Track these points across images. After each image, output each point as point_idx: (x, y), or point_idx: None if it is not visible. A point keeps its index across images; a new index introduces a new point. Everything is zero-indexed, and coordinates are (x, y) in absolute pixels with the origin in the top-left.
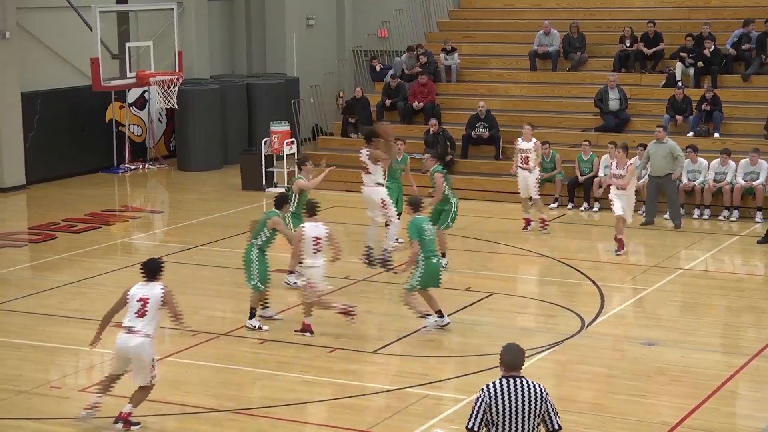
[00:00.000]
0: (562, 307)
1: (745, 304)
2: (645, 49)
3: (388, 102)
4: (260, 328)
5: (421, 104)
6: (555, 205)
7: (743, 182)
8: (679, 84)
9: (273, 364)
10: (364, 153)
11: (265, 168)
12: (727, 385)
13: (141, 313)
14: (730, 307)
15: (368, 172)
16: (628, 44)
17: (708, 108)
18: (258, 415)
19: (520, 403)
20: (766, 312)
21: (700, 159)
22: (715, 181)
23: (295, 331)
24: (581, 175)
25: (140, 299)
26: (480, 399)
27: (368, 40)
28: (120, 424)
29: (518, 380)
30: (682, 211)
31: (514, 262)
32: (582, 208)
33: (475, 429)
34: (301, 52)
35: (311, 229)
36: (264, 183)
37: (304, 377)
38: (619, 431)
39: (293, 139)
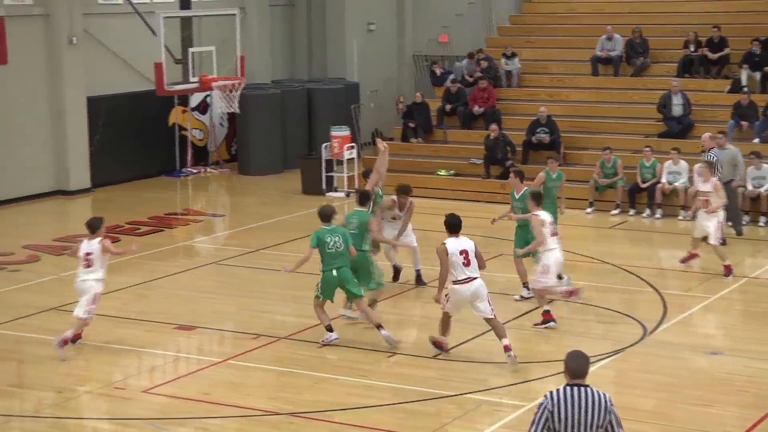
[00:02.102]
0: (624, 315)
1: None
2: (710, 54)
3: (448, 107)
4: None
5: (482, 109)
6: (617, 211)
7: None
8: (745, 89)
9: (332, 367)
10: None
11: (325, 172)
12: None
13: (467, 263)
14: None
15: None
16: (692, 49)
17: None
18: (317, 419)
19: (583, 412)
20: None
21: (765, 165)
22: None
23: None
24: (643, 181)
25: (462, 252)
26: (542, 406)
27: (428, 45)
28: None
29: (583, 389)
30: (746, 218)
31: (576, 268)
32: (644, 215)
33: None
34: (361, 57)
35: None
36: (324, 187)
37: (364, 381)
38: None
39: (353, 144)
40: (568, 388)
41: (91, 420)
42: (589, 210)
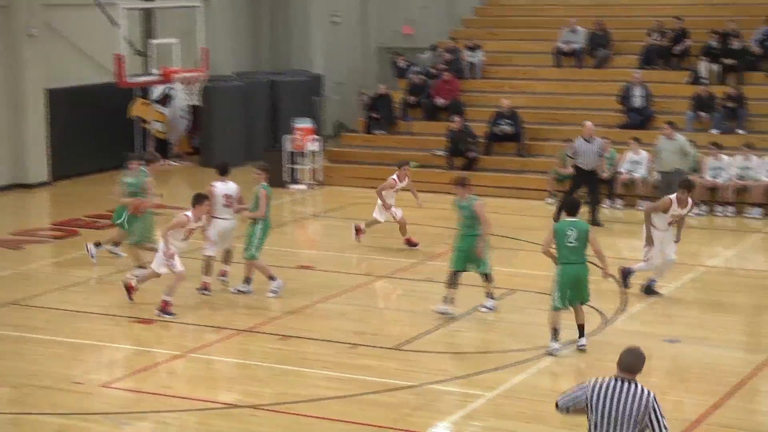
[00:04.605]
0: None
1: None
2: (670, 46)
3: (411, 99)
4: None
5: (445, 101)
6: None
7: (767, 179)
8: (704, 81)
9: (294, 360)
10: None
11: (288, 164)
12: (749, 383)
13: (228, 205)
14: (753, 305)
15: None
16: (655, 38)
17: (732, 105)
18: (279, 411)
19: (621, 406)
20: None
21: (724, 156)
22: (739, 178)
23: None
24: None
25: (226, 196)
26: (582, 388)
27: (393, 37)
28: None
29: (626, 382)
30: (705, 208)
31: (537, 258)
32: (604, 205)
33: (559, 405)
34: (325, 49)
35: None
36: (287, 179)
37: (326, 373)
38: None
39: (316, 136)
40: (612, 379)
41: (50, 416)
42: (549, 200)
